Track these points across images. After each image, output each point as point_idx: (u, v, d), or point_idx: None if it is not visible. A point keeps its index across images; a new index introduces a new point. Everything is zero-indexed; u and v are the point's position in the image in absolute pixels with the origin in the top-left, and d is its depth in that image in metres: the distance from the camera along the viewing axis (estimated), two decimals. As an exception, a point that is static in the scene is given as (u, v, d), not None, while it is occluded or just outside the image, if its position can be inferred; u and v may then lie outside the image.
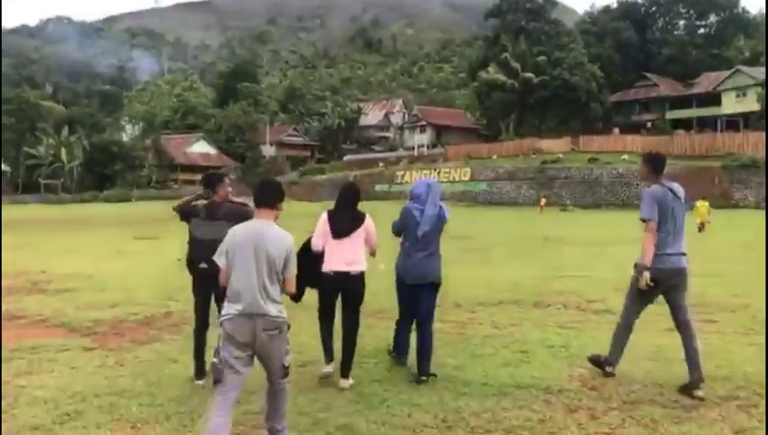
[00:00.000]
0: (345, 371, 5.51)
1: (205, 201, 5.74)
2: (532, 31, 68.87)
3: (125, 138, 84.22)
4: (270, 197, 4.12)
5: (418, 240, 5.64)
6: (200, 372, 5.61)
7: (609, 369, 5.63)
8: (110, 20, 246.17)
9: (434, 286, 5.79)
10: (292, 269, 4.05)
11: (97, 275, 12.18)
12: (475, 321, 8.06)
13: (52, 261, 14.81)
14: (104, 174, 71.02)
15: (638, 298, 5.51)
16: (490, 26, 79.53)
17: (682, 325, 5.43)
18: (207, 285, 5.43)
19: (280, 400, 4.05)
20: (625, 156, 49.81)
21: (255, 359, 3.99)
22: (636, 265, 5.40)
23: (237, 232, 4.04)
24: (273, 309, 3.88)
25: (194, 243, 5.68)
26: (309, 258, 5.48)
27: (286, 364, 4.02)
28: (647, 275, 5.22)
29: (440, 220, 5.69)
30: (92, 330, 7.56)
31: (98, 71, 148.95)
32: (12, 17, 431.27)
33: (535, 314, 8.54)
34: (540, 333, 7.30)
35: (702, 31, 77.26)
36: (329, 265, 5.52)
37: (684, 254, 5.38)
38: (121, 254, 16.79)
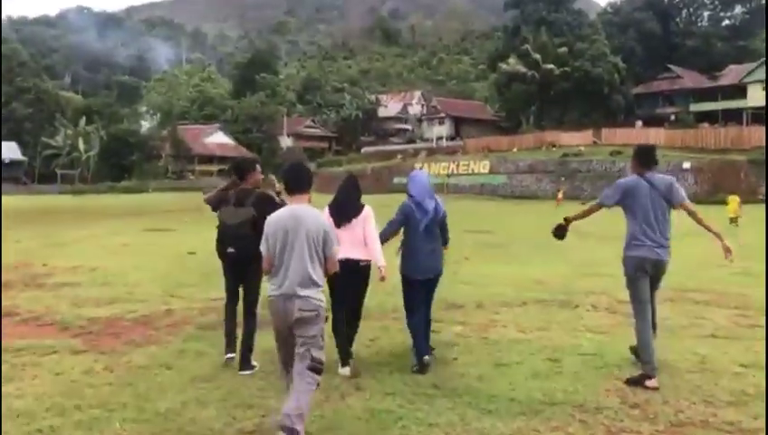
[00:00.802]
0: (345, 358, 5.46)
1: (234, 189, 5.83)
2: (553, 21, 67.69)
3: (143, 128, 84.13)
4: (302, 183, 4.29)
5: (422, 235, 5.62)
6: (229, 346, 5.79)
7: (650, 383, 5.12)
8: (131, 10, 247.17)
9: (437, 279, 5.92)
10: (333, 247, 4.13)
11: (100, 269, 11.69)
12: (499, 323, 7.44)
13: (56, 253, 14.35)
14: (121, 164, 70.91)
15: (632, 287, 5.58)
16: (509, 17, 78.38)
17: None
18: (235, 268, 5.69)
19: (302, 398, 3.92)
20: (648, 149, 48.61)
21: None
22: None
23: (275, 218, 4.14)
24: (312, 291, 3.98)
25: (221, 227, 5.74)
26: None
27: (316, 356, 3.99)
28: (562, 223, 5.90)
29: (437, 214, 5.72)
30: (86, 329, 7.03)
31: (117, 61, 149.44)
32: (32, 7, 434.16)
33: (563, 315, 7.90)
34: (570, 339, 6.67)
35: (727, 22, 75.50)
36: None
37: (663, 245, 5.41)
38: (129, 246, 16.29)
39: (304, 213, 4.10)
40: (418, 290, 5.74)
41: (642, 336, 5.39)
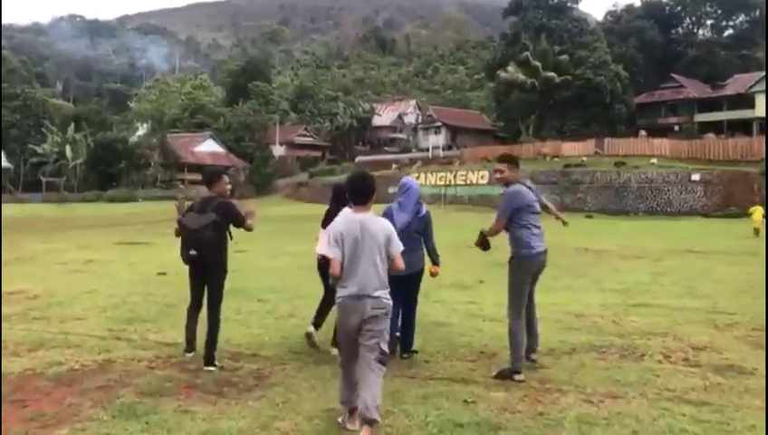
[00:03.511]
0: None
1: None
2: (553, 29, 65.92)
3: (133, 136, 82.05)
4: (364, 198, 4.57)
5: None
6: (189, 344, 6.15)
7: (518, 377, 5.56)
8: (124, 19, 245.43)
9: (417, 276, 6.26)
10: (398, 246, 4.46)
11: (44, 296, 9.65)
12: (552, 383, 5.48)
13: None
14: (108, 173, 68.62)
15: (523, 287, 5.83)
16: (506, 26, 76.73)
17: (530, 302, 5.95)
18: (198, 271, 5.92)
19: (374, 389, 4.22)
20: (654, 160, 46.95)
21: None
22: (511, 259, 5.86)
23: (344, 228, 4.42)
24: (382, 292, 4.36)
25: (184, 232, 5.87)
26: None
27: (384, 348, 4.34)
28: (480, 238, 6.04)
29: (420, 220, 6.23)
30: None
31: (109, 69, 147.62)
32: (24, 15, 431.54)
33: (632, 371, 5.92)
34: (660, 415, 4.71)
35: (729, 31, 74.12)
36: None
37: (545, 249, 5.92)
38: (92, 264, 14.24)
39: (370, 221, 4.45)
40: (394, 285, 5.05)
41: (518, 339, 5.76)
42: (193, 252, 5.73)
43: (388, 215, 5.99)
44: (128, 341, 6.77)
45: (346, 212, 4.69)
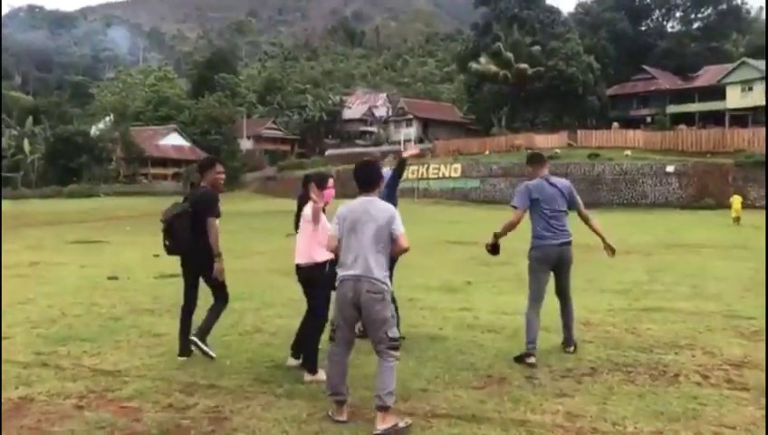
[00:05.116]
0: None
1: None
2: (526, 19, 65.06)
3: (95, 130, 79.50)
4: (369, 185, 4.52)
5: None
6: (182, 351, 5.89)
7: (530, 360, 5.68)
8: (86, 10, 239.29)
9: None
10: (400, 228, 4.35)
11: (-31, 308, 8.32)
12: (582, 419, 4.45)
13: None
14: (69, 167, 66.09)
15: (533, 275, 5.97)
16: (476, 18, 75.77)
17: (561, 295, 6.15)
18: (181, 260, 5.89)
19: (386, 377, 4.19)
20: (628, 151, 46.54)
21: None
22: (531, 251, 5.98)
23: (347, 208, 4.47)
24: (378, 274, 4.27)
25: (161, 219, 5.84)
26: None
27: (391, 334, 4.24)
28: (491, 240, 6.08)
29: None
30: None
31: (70, 61, 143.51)
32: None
33: (672, 398, 4.87)
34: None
35: (698, 24, 74.20)
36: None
37: (569, 242, 6.06)
38: (37, 267, 12.86)
39: (372, 204, 4.42)
40: None
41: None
42: (166, 242, 5.72)
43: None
44: (56, 368, 5.53)
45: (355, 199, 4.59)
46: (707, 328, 7.30)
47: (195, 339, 5.67)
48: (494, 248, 6.11)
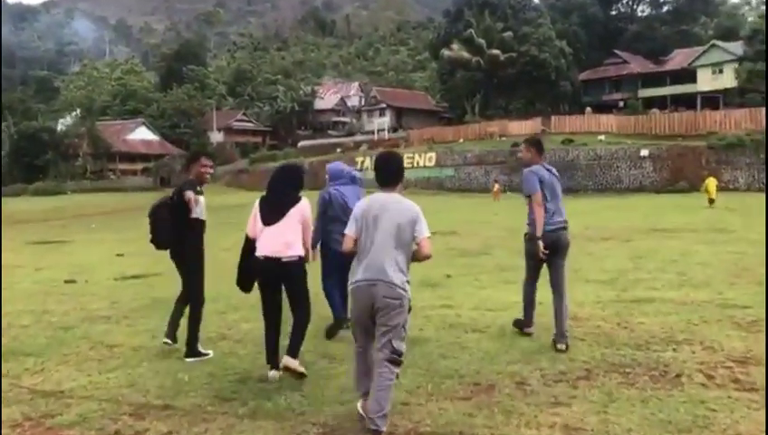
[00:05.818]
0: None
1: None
2: (497, 4, 64.64)
3: (61, 125, 77.72)
4: (390, 179, 4.26)
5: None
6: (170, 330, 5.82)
7: (527, 330, 6.22)
8: (49, 4, 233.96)
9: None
10: (424, 231, 4.07)
11: None
12: (584, 432, 3.96)
13: None
14: (34, 165, 64.54)
15: (532, 262, 6.14)
16: (447, 5, 75.26)
17: (555, 285, 6.05)
18: (171, 259, 5.79)
19: (381, 396, 3.85)
20: (602, 136, 46.51)
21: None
22: (527, 235, 6.04)
23: (363, 204, 4.23)
24: (396, 278, 3.94)
25: None
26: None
27: (395, 345, 3.94)
28: (540, 244, 5.83)
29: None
30: None
31: (34, 55, 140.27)
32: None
33: (678, 404, 4.41)
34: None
35: (668, 8, 74.39)
36: (259, 251, 5.00)
37: (565, 227, 6.06)
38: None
39: (392, 202, 4.13)
40: (332, 258, 6.04)
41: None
42: (150, 235, 5.64)
43: (336, 198, 6.42)
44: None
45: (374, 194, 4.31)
46: (702, 319, 6.88)
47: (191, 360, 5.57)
48: (544, 248, 5.92)
